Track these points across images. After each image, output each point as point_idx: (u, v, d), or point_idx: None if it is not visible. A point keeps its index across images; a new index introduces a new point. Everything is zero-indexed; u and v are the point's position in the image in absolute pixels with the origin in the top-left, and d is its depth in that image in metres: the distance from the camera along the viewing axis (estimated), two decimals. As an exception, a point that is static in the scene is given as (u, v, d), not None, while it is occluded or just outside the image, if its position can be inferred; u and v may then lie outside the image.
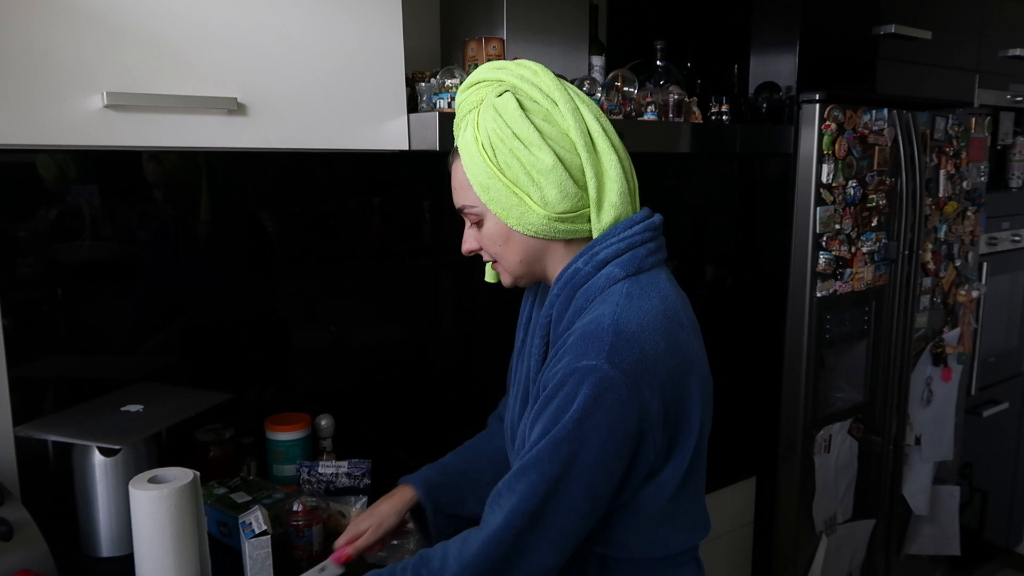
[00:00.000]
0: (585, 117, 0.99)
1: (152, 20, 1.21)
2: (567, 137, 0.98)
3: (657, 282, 1.00)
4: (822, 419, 1.96)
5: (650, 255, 1.00)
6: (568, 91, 1.00)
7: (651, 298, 0.97)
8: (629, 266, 0.99)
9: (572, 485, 0.92)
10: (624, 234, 0.99)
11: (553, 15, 1.78)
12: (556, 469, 0.92)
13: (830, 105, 1.80)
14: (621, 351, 0.91)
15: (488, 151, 0.99)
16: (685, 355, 0.97)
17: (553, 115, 0.98)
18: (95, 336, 1.58)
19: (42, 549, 1.19)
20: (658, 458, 0.97)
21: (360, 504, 1.50)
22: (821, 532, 1.99)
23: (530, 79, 0.99)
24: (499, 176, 0.98)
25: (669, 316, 0.97)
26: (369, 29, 1.42)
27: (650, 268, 1.01)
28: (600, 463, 0.92)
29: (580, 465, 0.91)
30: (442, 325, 2.06)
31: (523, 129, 0.97)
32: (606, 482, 0.94)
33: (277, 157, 1.74)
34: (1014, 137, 2.61)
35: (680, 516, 1.03)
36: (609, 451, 0.92)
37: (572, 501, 0.93)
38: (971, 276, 2.32)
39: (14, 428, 1.41)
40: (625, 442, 0.92)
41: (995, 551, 2.92)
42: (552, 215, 0.99)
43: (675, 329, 0.96)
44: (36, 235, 1.49)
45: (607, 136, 1.00)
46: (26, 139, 1.13)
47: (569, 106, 0.98)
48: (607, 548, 1.02)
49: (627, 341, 0.92)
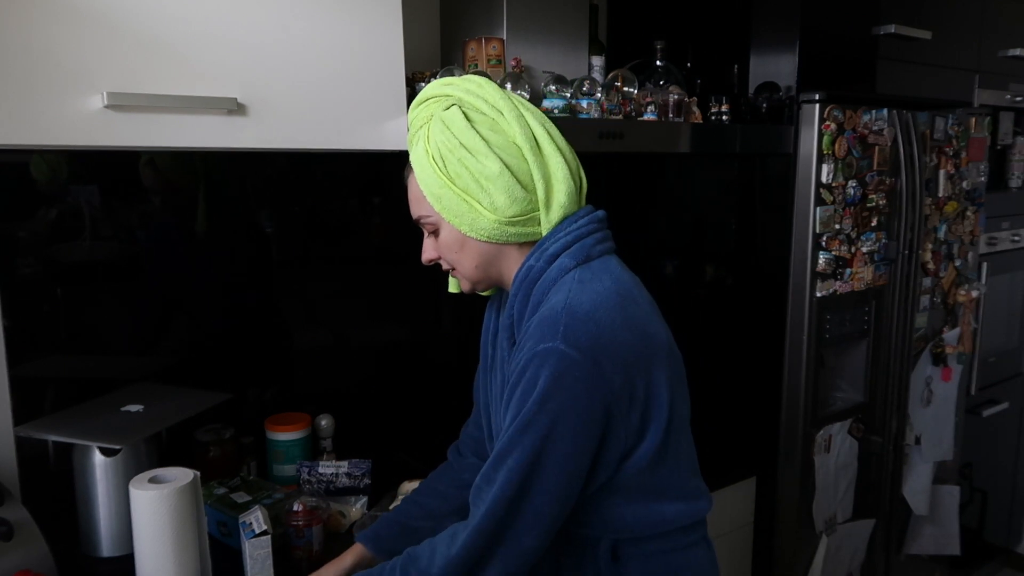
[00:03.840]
0: (531, 123, 1.04)
1: (152, 20, 1.21)
2: (514, 144, 1.02)
3: (608, 267, 1.04)
4: (822, 419, 1.96)
5: (597, 244, 1.05)
6: (512, 100, 1.04)
7: (603, 281, 1.00)
8: (579, 255, 1.03)
9: (547, 467, 0.94)
10: (571, 228, 1.04)
11: (553, 15, 1.78)
12: (529, 453, 0.94)
13: (830, 105, 1.80)
14: (576, 330, 0.94)
15: (439, 162, 1.03)
16: (644, 330, 1.00)
17: (500, 124, 1.03)
18: (95, 336, 1.58)
19: (42, 549, 1.19)
20: (631, 436, 0.99)
21: (360, 504, 1.50)
22: (821, 532, 1.99)
23: (475, 92, 1.04)
24: (450, 185, 1.03)
25: (623, 295, 1.00)
26: (369, 29, 1.42)
27: (599, 256, 1.04)
28: (570, 441, 0.94)
29: (551, 446, 0.94)
30: (442, 325, 2.06)
31: (470, 139, 1.01)
32: (579, 461, 0.96)
33: (277, 157, 1.74)
34: (1014, 137, 2.61)
35: (668, 487, 1.04)
36: (577, 428, 0.94)
37: (548, 483, 0.95)
38: (971, 276, 2.32)
39: (14, 428, 1.41)
40: (591, 418, 0.95)
41: (995, 551, 2.92)
42: (502, 219, 1.03)
43: (630, 307, 1.00)
44: (36, 235, 1.49)
45: (553, 140, 1.04)
46: (26, 139, 1.13)
47: (514, 114, 1.03)
48: (607, 529, 1.04)
49: (581, 321, 0.95)
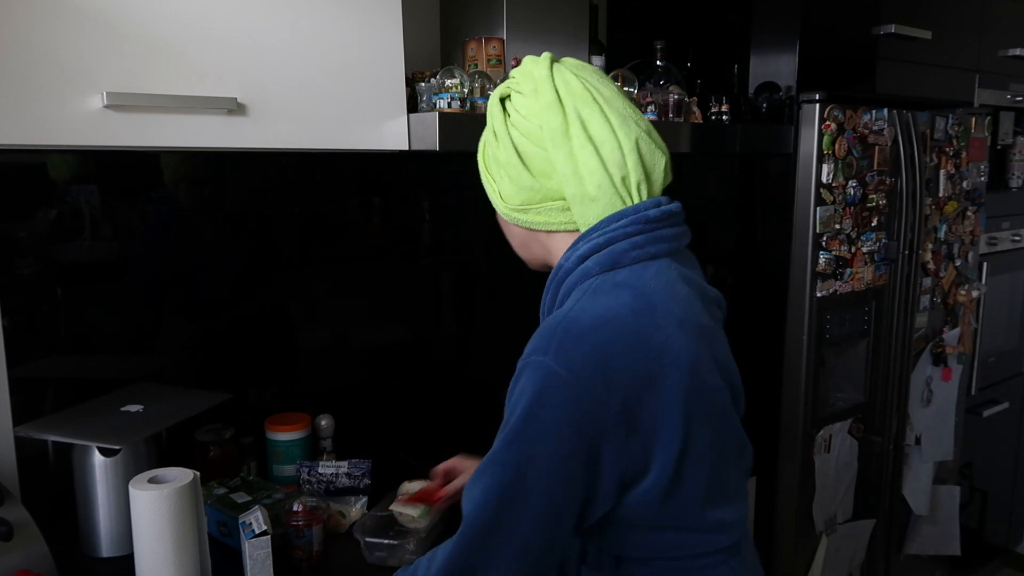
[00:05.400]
0: (568, 109, 0.96)
1: (152, 20, 1.21)
2: (538, 128, 0.97)
3: (638, 277, 0.93)
4: (822, 419, 1.96)
5: (633, 249, 0.94)
6: (553, 83, 0.97)
7: (620, 294, 0.91)
8: (604, 261, 0.94)
9: (527, 490, 0.86)
10: (608, 228, 0.95)
11: (553, 15, 1.78)
12: (508, 473, 0.87)
13: (830, 105, 1.80)
14: (568, 348, 0.86)
15: (481, 144, 1.08)
16: (660, 352, 0.88)
17: (532, 105, 0.98)
18: (95, 336, 1.58)
19: (42, 549, 1.19)
20: (632, 467, 0.89)
21: (360, 504, 1.50)
22: (821, 532, 1.99)
23: (529, 70, 1.00)
24: (482, 165, 1.07)
25: (639, 312, 0.89)
26: (369, 29, 1.42)
27: (631, 263, 0.94)
28: (554, 465, 0.86)
29: (533, 468, 0.86)
30: (442, 325, 2.06)
31: (497, 124, 1.02)
32: (566, 488, 0.87)
33: (277, 157, 1.74)
34: (1014, 137, 2.60)
35: (681, 520, 0.94)
36: (562, 452, 0.85)
37: (531, 509, 0.87)
38: (971, 276, 2.32)
39: (14, 428, 1.41)
40: (578, 443, 0.85)
41: (995, 551, 2.92)
42: (510, 205, 1.02)
43: (645, 327, 0.88)
44: (36, 235, 1.49)
45: (585, 129, 0.96)
46: (26, 139, 1.12)
47: (549, 98, 0.96)
48: (623, 550, 0.97)
49: (576, 338, 0.86)
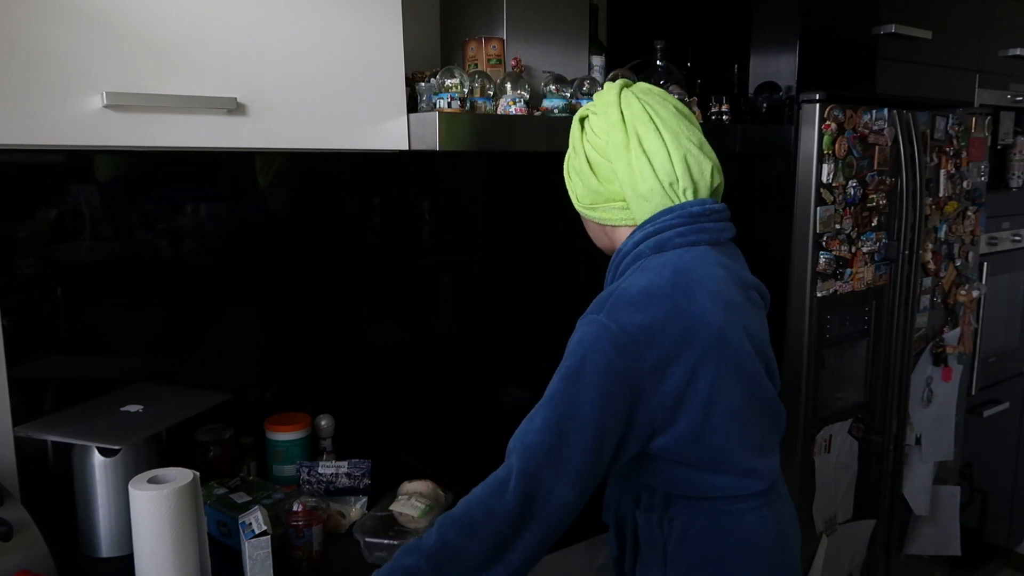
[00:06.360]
0: (628, 127, 1.15)
1: (152, 20, 1.21)
2: (607, 144, 1.16)
3: (680, 259, 1.10)
4: (822, 419, 1.96)
5: (678, 236, 1.12)
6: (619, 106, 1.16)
7: (663, 272, 1.08)
8: (654, 245, 1.13)
9: (580, 421, 1.01)
10: (659, 220, 1.13)
11: (553, 15, 1.78)
12: (564, 406, 1.02)
13: (830, 105, 1.80)
14: (618, 310, 1.04)
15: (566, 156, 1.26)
16: (692, 324, 1.05)
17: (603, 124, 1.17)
18: (95, 336, 1.58)
19: (42, 549, 1.19)
20: (660, 414, 1.05)
21: (360, 504, 1.50)
22: (821, 532, 1.99)
23: (603, 95, 1.20)
24: (566, 172, 1.25)
25: (677, 286, 1.07)
26: (369, 29, 1.42)
27: (675, 247, 1.12)
28: (602, 401, 1.02)
29: (584, 402, 1.01)
30: (442, 325, 2.06)
31: (576, 139, 1.22)
32: (611, 423, 1.03)
33: (276, 157, 1.74)
34: (1014, 137, 2.60)
35: (716, 464, 1.10)
36: (608, 390, 1.02)
37: (583, 438, 1.01)
38: (971, 276, 2.32)
39: (14, 428, 1.41)
40: (622, 386, 1.02)
41: (995, 551, 2.92)
42: (583, 204, 1.22)
43: (681, 298, 1.06)
44: (36, 235, 1.49)
45: (641, 144, 1.14)
46: (26, 139, 1.13)
47: (614, 119, 1.15)
48: (659, 481, 1.13)
49: (626, 303, 1.05)
